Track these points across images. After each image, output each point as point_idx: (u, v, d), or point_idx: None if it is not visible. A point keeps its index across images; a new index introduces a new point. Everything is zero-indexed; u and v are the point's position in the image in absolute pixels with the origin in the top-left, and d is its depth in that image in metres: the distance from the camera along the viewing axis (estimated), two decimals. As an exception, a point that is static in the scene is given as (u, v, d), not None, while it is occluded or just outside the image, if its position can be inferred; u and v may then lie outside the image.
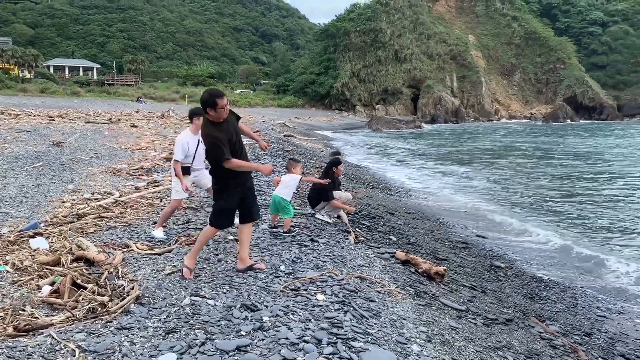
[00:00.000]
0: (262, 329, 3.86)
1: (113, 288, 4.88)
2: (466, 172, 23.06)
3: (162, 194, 9.95)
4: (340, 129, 56.68)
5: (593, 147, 37.02)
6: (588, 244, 11.09)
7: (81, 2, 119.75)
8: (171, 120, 33.14)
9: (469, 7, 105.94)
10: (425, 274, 6.59)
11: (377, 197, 13.46)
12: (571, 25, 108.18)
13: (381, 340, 3.88)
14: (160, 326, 3.98)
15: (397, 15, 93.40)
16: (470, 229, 11.67)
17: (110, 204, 8.84)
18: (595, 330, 6.34)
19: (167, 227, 7.37)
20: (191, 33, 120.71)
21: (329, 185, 7.88)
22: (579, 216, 13.81)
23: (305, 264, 5.54)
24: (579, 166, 25.41)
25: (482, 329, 5.23)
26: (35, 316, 4.35)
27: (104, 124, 26.40)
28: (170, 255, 6.04)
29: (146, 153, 16.43)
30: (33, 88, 59.46)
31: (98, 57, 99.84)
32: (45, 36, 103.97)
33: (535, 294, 7.52)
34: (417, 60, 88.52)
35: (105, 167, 13.28)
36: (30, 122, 24.40)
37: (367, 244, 7.52)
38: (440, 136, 50.58)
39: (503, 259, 9.30)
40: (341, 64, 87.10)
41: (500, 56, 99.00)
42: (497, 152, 33.43)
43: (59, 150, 15.55)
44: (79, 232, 7.10)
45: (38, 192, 9.90)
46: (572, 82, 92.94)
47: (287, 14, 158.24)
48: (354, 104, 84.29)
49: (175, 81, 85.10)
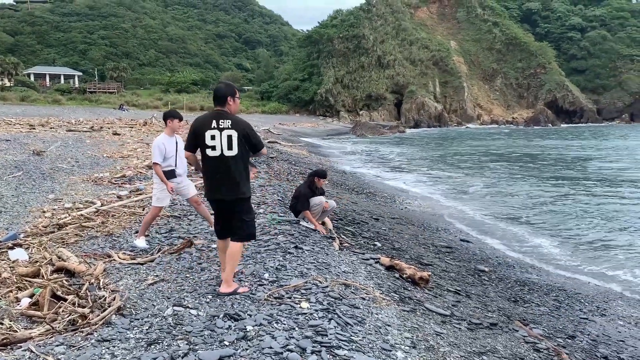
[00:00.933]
0: (245, 339, 3.82)
1: (94, 299, 4.81)
2: (452, 176, 23.22)
3: (145, 202, 9.86)
4: (325, 134, 56.77)
5: (582, 150, 37.58)
6: (571, 248, 11.23)
7: (62, 9, 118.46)
8: (154, 127, 32.89)
9: (451, 13, 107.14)
10: (410, 279, 6.59)
11: (361, 202, 13.47)
12: (551, 30, 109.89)
13: (366, 348, 3.86)
14: (142, 337, 3.92)
15: (379, 21, 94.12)
16: (454, 234, 11.73)
17: (91, 213, 8.74)
18: (579, 333, 6.39)
19: (150, 236, 7.29)
20: (174, 40, 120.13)
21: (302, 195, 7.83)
22: (564, 220, 13.97)
23: (289, 272, 5.51)
24: (565, 169, 25.74)
25: (467, 334, 5.24)
26: (14, 329, 4.26)
27: (86, 132, 26.12)
28: (153, 264, 5.97)
29: (128, 161, 16.27)
30: (13, 96, 58.63)
31: (80, 64, 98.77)
32: (25, 44, 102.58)
33: (519, 298, 7.57)
34: (400, 66, 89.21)
35: (87, 176, 13.12)
36: (10, 130, 24.04)
37: (352, 250, 7.51)
38: (424, 141, 50.90)
39: (487, 262, 9.35)
40: (325, 70, 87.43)
41: (482, 61, 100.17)
42: (481, 157, 33.72)
43: (40, 159, 15.34)
44: (60, 242, 6.99)
45: (17, 202, 9.74)
46: (553, 87, 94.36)
47: (270, 20, 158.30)
48: (338, 110, 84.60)
49: (158, 88, 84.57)
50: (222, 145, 4.67)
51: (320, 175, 8.15)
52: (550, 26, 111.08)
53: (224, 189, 4.78)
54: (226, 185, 4.76)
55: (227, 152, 4.69)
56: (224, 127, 4.68)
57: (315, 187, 8.00)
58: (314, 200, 7.88)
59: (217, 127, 4.67)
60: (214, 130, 4.68)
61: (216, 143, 4.67)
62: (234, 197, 4.80)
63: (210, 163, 4.77)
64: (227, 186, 4.76)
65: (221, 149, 4.68)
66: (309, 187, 7.94)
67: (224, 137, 4.67)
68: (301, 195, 7.88)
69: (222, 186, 4.78)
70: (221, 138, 4.67)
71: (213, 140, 4.68)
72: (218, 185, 4.79)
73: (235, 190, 4.78)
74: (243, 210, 4.88)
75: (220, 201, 4.88)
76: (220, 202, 4.90)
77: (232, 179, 4.75)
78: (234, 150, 4.69)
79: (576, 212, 14.87)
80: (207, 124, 4.73)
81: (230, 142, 4.67)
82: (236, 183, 4.76)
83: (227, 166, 4.72)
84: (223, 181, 4.76)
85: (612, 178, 22.26)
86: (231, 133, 4.67)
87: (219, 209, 4.97)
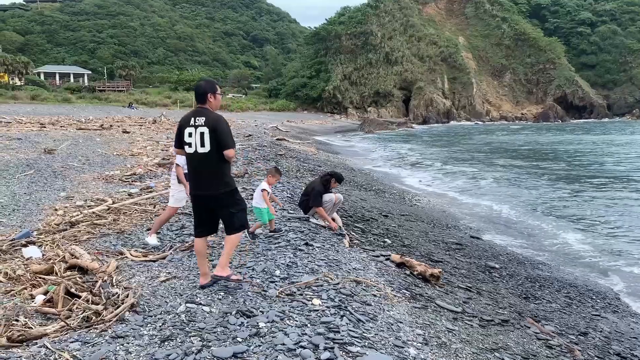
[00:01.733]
0: (258, 335, 3.84)
1: (107, 296, 4.85)
2: (462, 171, 23.14)
3: (156, 200, 9.91)
4: (333, 131, 56.72)
5: (595, 145, 37.31)
6: (585, 244, 11.16)
7: (71, 8, 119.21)
8: (163, 125, 33.03)
9: (459, 9, 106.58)
10: (421, 276, 6.59)
11: (370, 199, 13.46)
12: (560, 25, 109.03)
13: (378, 344, 3.87)
14: (156, 334, 3.95)
15: (387, 17, 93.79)
16: (464, 230, 11.70)
17: (103, 211, 8.79)
18: (591, 329, 6.36)
19: (161, 233, 7.34)
20: (182, 38, 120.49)
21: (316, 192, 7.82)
22: (579, 215, 13.89)
23: (300, 269, 5.53)
24: (577, 165, 25.57)
25: (479, 331, 5.23)
26: (29, 326, 4.31)
27: (96, 131, 26.28)
28: (165, 262, 6.01)
29: (139, 159, 16.36)
30: (24, 95, 59.06)
31: (89, 63, 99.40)
32: (35, 43, 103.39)
33: (530, 294, 7.53)
34: (408, 62, 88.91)
35: (98, 174, 13.20)
36: (21, 129, 24.23)
37: (362, 247, 7.51)
38: (433, 137, 50.72)
39: (497, 259, 9.31)
40: (332, 67, 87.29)
41: (491, 57, 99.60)
42: (492, 152, 33.57)
43: (51, 157, 15.45)
44: (72, 240, 7.05)
45: (30, 200, 9.82)
46: (562, 82, 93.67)
47: (277, 18, 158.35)
48: (345, 107, 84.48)
49: (167, 86, 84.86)
50: (196, 143, 4.75)
51: (338, 179, 8.15)
52: (559, 21, 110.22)
53: (203, 185, 4.85)
54: (204, 181, 4.84)
55: (200, 149, 4.75)
56: (198, 125, 4.75)
57: (329, 187, 8.02)
58: (325, 198, 7.90)
59: (194, 124, 4.77)
60: (191, 128, 4.79)
61: (192, 140, 4.77)
62: (218, 192, 4.84)
63: (189, 159, 4.90)
64: (205, 182, 4.84)
65: (195, 146, 4.76)
66: (323, 185, 7.94)
67: (197, 135, 4.74)
68: (315, 191, 7.87)
69: (200, 182, 4.86)
70: (195, 135, 4.75)
71: (190, 138, 4.78)
72: (197, 181, 4.89)
73: (215, 186, 4.83)
74: (230, 203, 4.90)
75: (200, 197, 4.94)
76: (200, 198, 4.95)
77: (209, 175, 4.81)
78: (206, 147, 4.73)
79: (589, 208, 14.78)
80: (187, 121, 4.84)
81: (203, 139, 4.72)
82: (213, 179, 4.82)
83: (202, 163, 4.79)
84: (201, 177, 4.85)
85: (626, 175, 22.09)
86: (204, 130, 4.72)
87: (198, 205, 5.03)
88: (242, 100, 79.74)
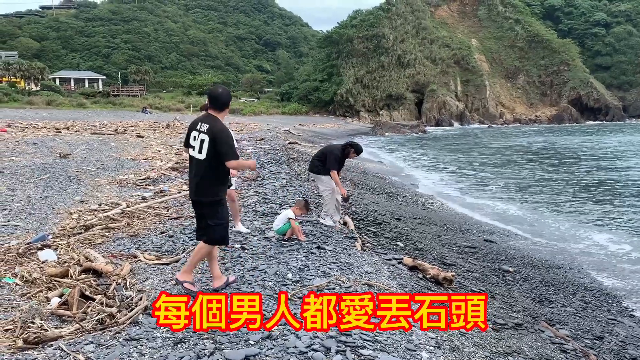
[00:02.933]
0: (270, 338, 3.85)
1: (121, 299, 4.90)
2: (476, 174, 23.01)
3: (169, 203, 9.98)
4: (345, 135, 56.70)
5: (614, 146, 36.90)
6: (603, 247, 11.04)
7: (86, 14, 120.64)
8: (177, 129, 33.26)
9: (472, 11, 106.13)
10: (434, 280, 6.56)
11: (383, 202, 13.43)
12: (574, 27, 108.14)
13: (390, 348, 3.86)
14: (169, 337, 3.98)
15: (399, 20, 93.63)
16: (478, 233, 11.63)
17: (117, 214, 8.88)
18: (606, 334, 6.28)
19: (174, 236, 7.39)
20: (195, 43, 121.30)
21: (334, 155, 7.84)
22: (597, 219, 13.74)
23: (312, 272, 5.53)
24: (599, 169, 25.33)
25: (492, 334, 5.19)
26: (45, 328, 4.37)
27: (110, 135, 26.54)
28: (178, 265, 6.05)
29: (152, 163, 16.50)
30: (39, 100, 59.85)
31: (103, 68, 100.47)
32: (50, 49, 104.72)
33: (545, 298, 7.46)
34: (421, 65, 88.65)
35: (112, 178, 13.34)
36: (37, 134, 24.56)
37: (374, 251, 7.50)
38: (446, 140, 50.50)
39: (511, 262, 9.24)
40: (344, 70, 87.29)
41: (504, 59, 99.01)
42: (507, 155, 33.34)
43: (66, 161, 15.64)
44: (87, 243, 7.13)
45: (45, 204, 9.95)
46: (577, 84, 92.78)
47: (290, 22, 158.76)
48: (358, 110, 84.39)
49: (180, 91, 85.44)
50: (196, 148, 4.81)
51: (357, 150, 8.09)
52: (573, 22, 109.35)
53: (194, 190, 4.93)
54: (196, 187, 4.89)
55: (197, 155, 4.81)
56: (202, 131, 4.80)
57: (345, 157, 7.99)
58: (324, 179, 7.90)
59: (199, 129, 4.82)
60: (195, 132, 4.84)
61: (194, 145, 4.83)
62: (202, 200, 4.89)
63: (190, 162, 4.98)
64: (195, 187, 4.90)
65: (195, 151, 4.82)
66: (342, 152, 7.93)
67: (198, 141, 4.79)
68: (333, 155, 7.82)
69: (193, 187, 4.93)
70: (197, 140, 4.80)
71: (194, 141, 4.85)
72: (191, 185, 4.99)
73: (201, 193, 4.87)
74: (209, 214, 4.90)
75: (193, 201, 5.05)
76: (193, 202, 5.06)
77: (200, 181, 4.84)
78: (202, 154, 4.77)
79: (608, 211, 14.61)
80: (195, 124, 4.90)
81: (202, 146, 4.76)
82: (203, 186, 4.84)
83: (197, 168, 4.84)
84: (193, 182, 4.92)
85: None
86: (204, 137, 4.76)
87: (195, 209, 5.13)
88: (255, 104, 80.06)
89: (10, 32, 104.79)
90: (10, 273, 5.87)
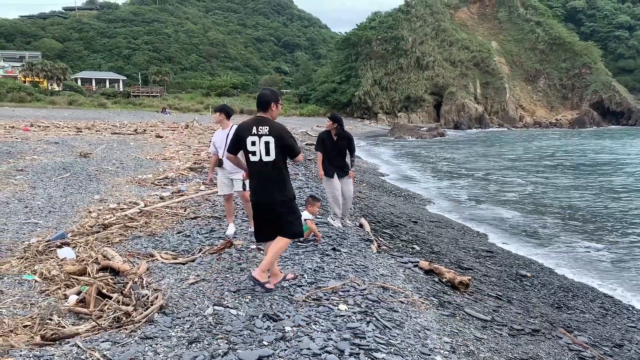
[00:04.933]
0: (284, 339, 3.85)
1: (137, 297, 4.94)
2: (497, 179, 22.79)
3: (186, 203, 10.06)
4: (363, 136, 56.60)
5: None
6: (616, 252, 10.85)
7: (108, 15, 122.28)
8: (195, 130, 33.52)
9: (492, 13, 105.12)
10: (450, 284, 6.51)
11: (399, 205, 13.38)
12: (596, 29, 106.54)
13: (404, 352, 3.84)
14: (184, 336, 4.01)
15: (418, 22, 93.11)
16: (495, 238, 11.51)
17: (135, 213, 8.97)
18: (626, 342, 6.17)
19: (191, 236, 7.44)
20: (214, 44, 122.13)
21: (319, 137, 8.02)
22: (614, 226, 13.52)
23: (327, 274, 5.52)
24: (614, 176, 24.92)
25: (508, 340, 5.13)
26: (62, 325, 4.42)
27: (130, 135, 26.84)
28: (194, 264, 6.08)
29: (171, 163, 16.64)
30: (61, 100, 60.87)
31: (124, 69, 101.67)
32: (73, 50, 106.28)
33: (563, 304, 7.36)
34: (440, 67, 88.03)
35: (131, 178, 13.48)
36: (59, 133, 24.96)
37: (390, 253, 7.46)
38: (465, 143, 50.10)
39: (529, 267, 9.13)
40: (363, 72, 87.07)
41: (524, 62, 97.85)
42: (528, 160, 32.96)
43: (86, 161, 15.85)
44: (105, 241, 7.21)
45: (65, 202, 10.09)
46: (599, 87, 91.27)
47: (308, 23, 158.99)
48: (376, 112, 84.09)
49: (200, 92, 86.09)
50: (261, 151, 4.83)
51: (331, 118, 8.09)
52: (596, 25, 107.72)
53: (266, 193, 4.94)
54: (267, 189, 4.93)
55: (265, 158, 4.84)
56: (262, 134, 4.82)
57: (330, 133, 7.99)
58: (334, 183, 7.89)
59: (257, 133, 4.83)
60: (254, 137, 4.84)
61: (256, 149, 4.84)
62: (277, 200, 4.94)
63: (253, 168, 4.96)
64: (268, 189, 4.93)
65: (260, 154, 4.84)
66: (325, 132, 8.06)
67: (262, 143, 4.82)
68: (318, 138, 8.05)
69: (264, 190, 4.94)
70: (260, 144, 4.82)
71: (253, 146, 4.84)
72: (261, 188, 4.96)
73: (276, 193, 4.93)
74: (288, 211, 5.00)
75: (262, 204, 5.03)
76: (261, 205, 5.04)
77: (273, 182, 4.91)
78: (271, 156, 4.83)
79: (627, 218, 14.37)
80: (248, 130, 4.88)
81: (268, 148, 4.82)
82: (277, 186, 4.93)
83: (267, 171, 4.88)
84: (265, 185, 4.93)
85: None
86: (269, 139, 4.81)
87: (259, 212, 5.10)
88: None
89: (34, 33, 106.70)
90: (30, 270, 5.96)
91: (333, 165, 7.94)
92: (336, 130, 7.96)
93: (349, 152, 8.06)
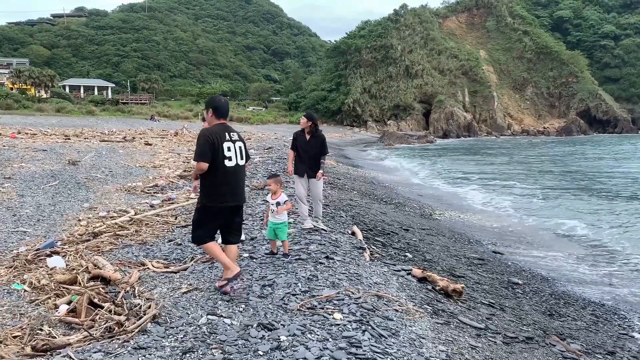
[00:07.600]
0: (279, 349, 3.82)
1: (129, 307, 4.88)
2: (485, 185, 22.91)
3: (177, 211, 9.99)
4: (353, 144, 56.72)
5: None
6: (610, 261, 10.92)
7: (96, 22, 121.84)
8: (185, 137, 33.38)
9: (480, 22, 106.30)
10: (443, 292, 6.50)
11: (390, 213, 13.38)
12: (583, 39, 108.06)
13: (400, 360, 3.81)
14: (177, 346, 3.95)
15: (407, 31, 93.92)
16: (486, 245, 11.55)
17: (125, 222, 8.89)
18: (618, 349, 6.19)
19: (182, 244, 7.38)
20: (204, 52, 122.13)
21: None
22: (602, 233, 13.62)
23: (321, 282, 5.49)
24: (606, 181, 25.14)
25: (502, 348, 5.13)
26: (53, 335, 4.35)
27: (119, 143, 26.66)
28: (186, 273, 6.03)
29: (160, 171, 16.54)
30: (49, 108, 60.34)
31: (113, 76, 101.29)
32: (61, 57, 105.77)
33: (555, 311, 7.38)
34: (428, 75, 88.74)
35: (120, 185, 13.37)
36: (47, 141, 24.71)
37: (383, 261, 7.45)
38: (455, 151, 50.39)
39: (520, 275, 9.16)
40: (352, 80, 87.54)
41: (512, 71, 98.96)
42: (517, 167, 33.21)
43: (75, 168, 15.70)
44: (95, 250, 7.13)
45: (54, 210, 9.98)
46: (585, 96, 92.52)
47: (298, 32, 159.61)
48: (365, 120, 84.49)
49: (189, 99, 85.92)
50: (237, 156, 5.08)
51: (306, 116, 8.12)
52: (582, 34, 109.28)
53: (239, 195, 5.23)
54: (240, 192, 5.26)
55: (240, 162, 5.16)
56: (235, 139, 5.12)
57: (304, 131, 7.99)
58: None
59: (230, 139, 5.07)
60: (228, 142, 5.06)
61: (232, 154, 5.05)
62: (243, 202, 5.36)
63: (227, 173, 5.07)
64: (240, 192, 5.26)
65: (236, 159, 5.07)
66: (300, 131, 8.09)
67: (236, 149, 5.08)
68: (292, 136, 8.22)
69: (237, 193, 5.20)
70: (235, 149, 5.07)
71: (229, 152, 5.05)
72: (236, 192, 5.18)
73: (244, 196, 5.36)
74: (240, 214, 5.49)
75: (233, 207, 5.24)
76: (233, 208, 5.25)
77: (243, 185, 5.32)
78: (244, 160, 5.23)
79: (618, 224, 14.48)
80: (221, 136, 5.04)
81: (241, 153, 5.17)
82: (243, 189, 5.34)
83: (241, 174, 5.25)
84: (238, 188, 5.21)
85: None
86: (240, 144, 5.19)
87: (227, 215, 5.24)
88: (262, 113, 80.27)
89: (21, 39, 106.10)
90: (19, 279, 5.87)
91: (303, 163, 7.92)
92: (310, 129, 7.94)
93: (321, 153, 7.98)
